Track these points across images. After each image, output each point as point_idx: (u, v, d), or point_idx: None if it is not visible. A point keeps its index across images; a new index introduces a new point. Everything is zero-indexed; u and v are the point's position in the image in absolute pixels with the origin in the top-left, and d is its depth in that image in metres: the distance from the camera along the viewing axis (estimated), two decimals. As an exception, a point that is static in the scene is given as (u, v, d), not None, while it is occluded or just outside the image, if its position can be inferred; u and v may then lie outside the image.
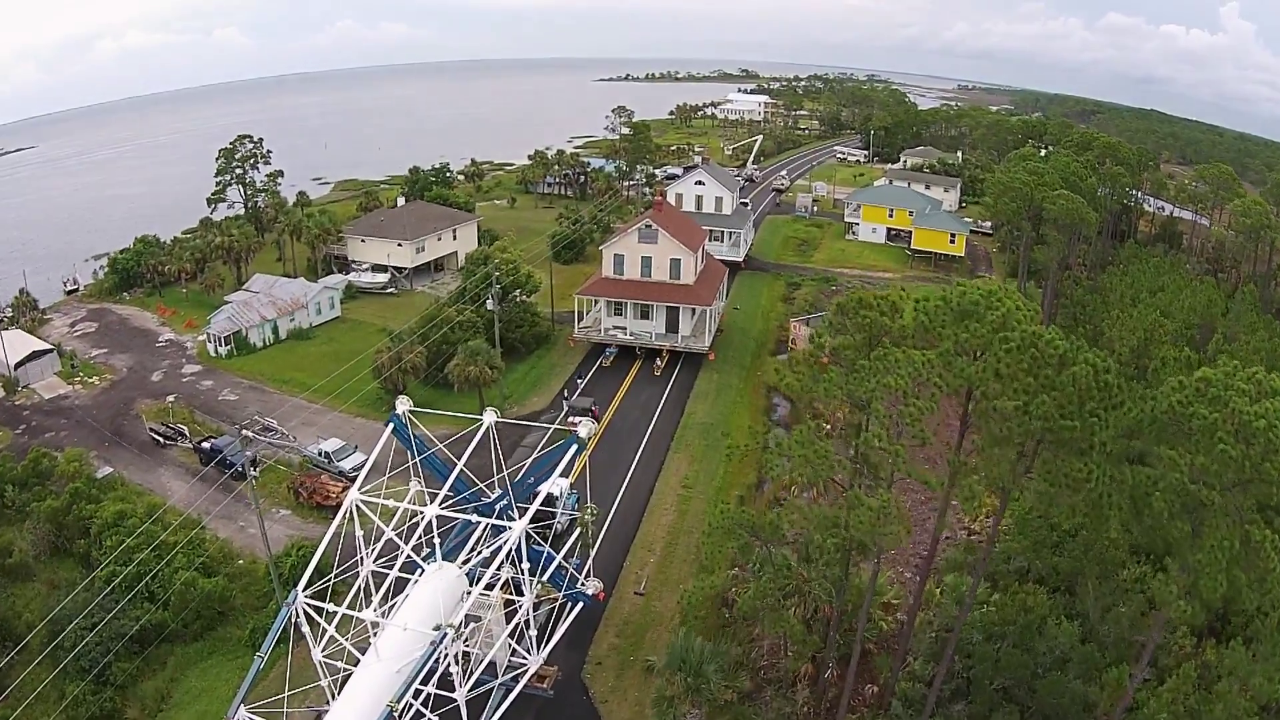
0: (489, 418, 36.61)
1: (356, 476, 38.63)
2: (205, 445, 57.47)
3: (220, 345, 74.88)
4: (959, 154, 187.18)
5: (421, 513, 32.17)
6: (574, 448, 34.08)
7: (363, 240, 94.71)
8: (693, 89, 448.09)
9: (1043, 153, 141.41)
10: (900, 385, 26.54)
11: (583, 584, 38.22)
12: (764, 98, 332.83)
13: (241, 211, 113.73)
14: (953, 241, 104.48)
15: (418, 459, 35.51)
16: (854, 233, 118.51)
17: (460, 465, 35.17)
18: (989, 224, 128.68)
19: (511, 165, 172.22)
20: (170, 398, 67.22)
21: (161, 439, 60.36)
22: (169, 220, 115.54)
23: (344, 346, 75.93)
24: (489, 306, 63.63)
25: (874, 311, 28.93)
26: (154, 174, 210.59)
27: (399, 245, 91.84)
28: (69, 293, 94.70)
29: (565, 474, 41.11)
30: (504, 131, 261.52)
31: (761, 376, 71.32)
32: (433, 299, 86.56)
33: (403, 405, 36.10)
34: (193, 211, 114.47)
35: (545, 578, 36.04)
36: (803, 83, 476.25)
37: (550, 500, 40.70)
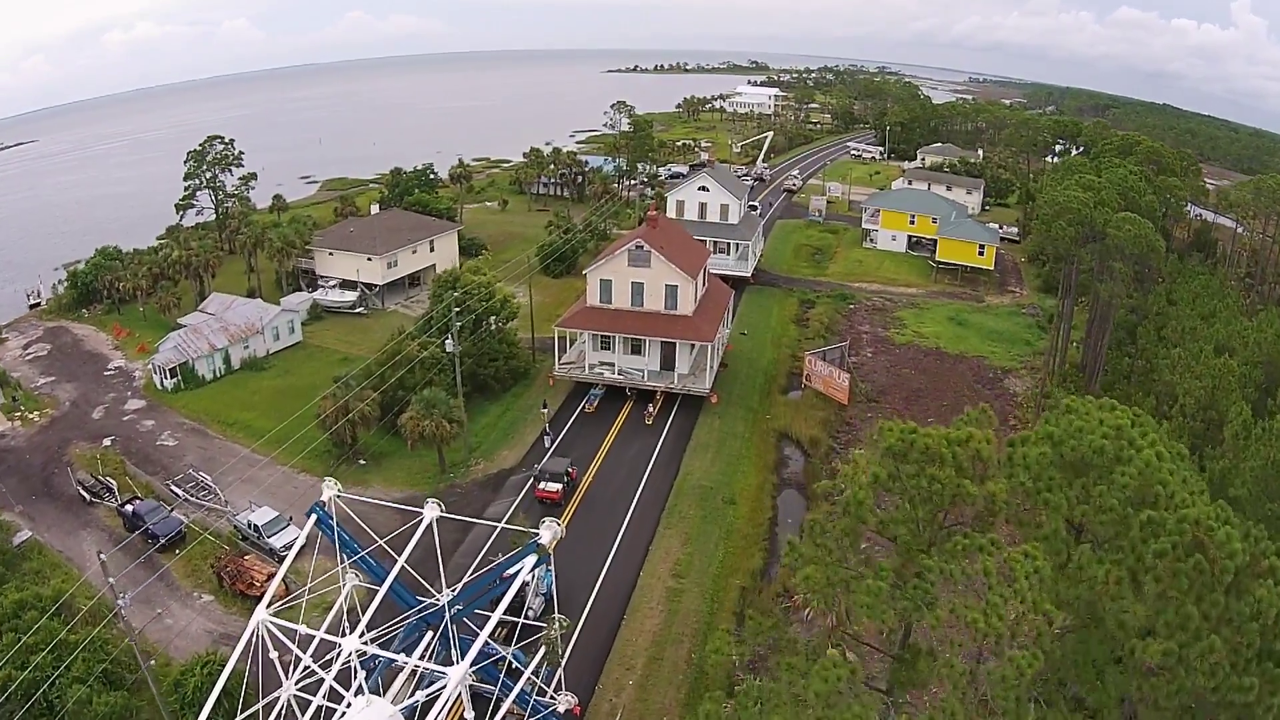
0: (430, 513, 31.82)
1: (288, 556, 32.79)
2: (129, 509, 48.56)
3: (166, 378, 65.37)
4: (979, 152, 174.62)
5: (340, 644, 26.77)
6: (532, 559, 28.88)
7: (330, 253, 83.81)
8: (702, 81, 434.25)
9: (1074, 153, 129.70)
10: (984, 625, 15.41)
11: (552, 697, 32.66)
12: (774, 90, 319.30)
13: (213, 218, 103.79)
14: (981, 253, 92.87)
15: (348, 561, 31.79)
16: (872, 240, 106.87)
17: (401, 561, 30.64)
18: (1015, 230, 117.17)
19: (509, 162, 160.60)
20: (107, 441, 58.32)
21: (88, 495, 51.31)
22: (154, 223, 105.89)
23: (300, 380, 66.44)
24: (448, 348, 52.59)
25: (946, 469, 17.76)
26: (147, 171, 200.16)
27: (369, 260, 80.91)
28: (32, 306, 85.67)
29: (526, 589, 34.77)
30: (506, 125, 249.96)
31: (771, 421, 60.14)
32: (404, 320, 75.95)
33: (329, 490, 31.54)
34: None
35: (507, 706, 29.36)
36: (813, 75, 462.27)
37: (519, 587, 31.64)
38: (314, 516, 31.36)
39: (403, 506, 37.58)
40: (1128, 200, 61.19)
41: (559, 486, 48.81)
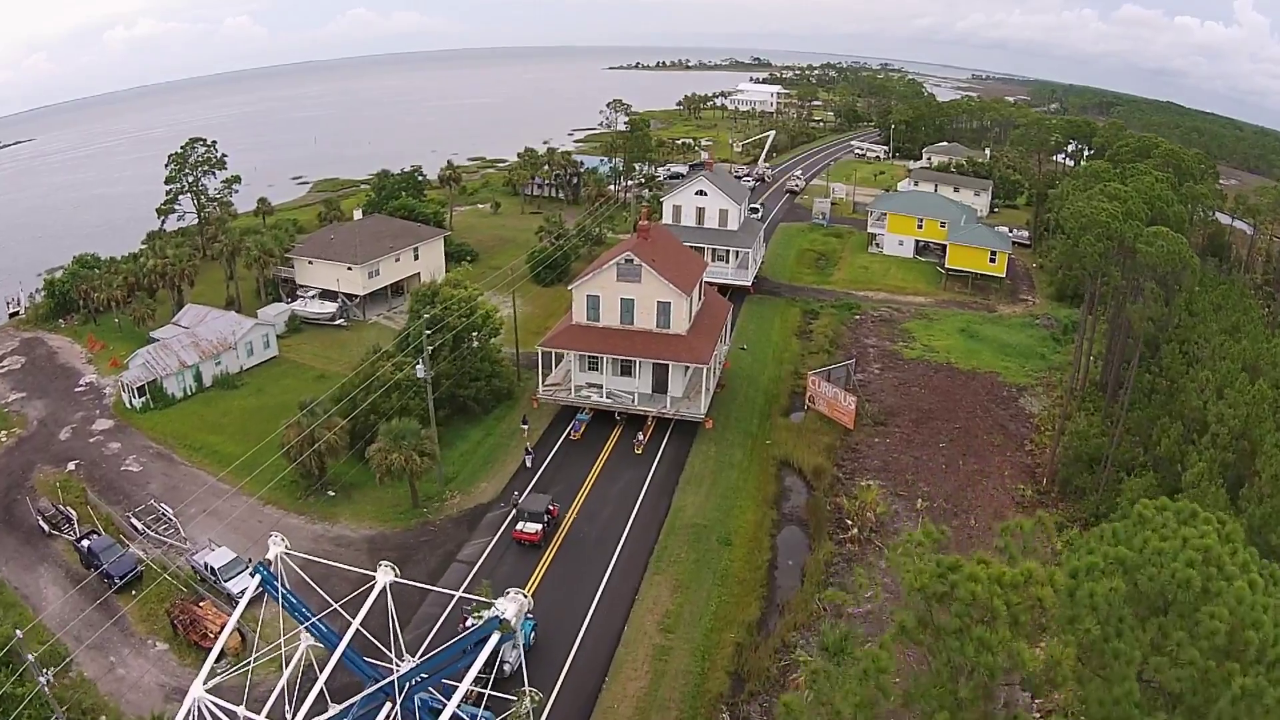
0: (382, 578, 29.38)
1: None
2: (85, 544, 44.73)
3: (134, 397, 61.29)
4: (986, 151, 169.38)
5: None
6: (495, 637, 26.50)
7: (310, 262, 79.13)
8: (704, 78, 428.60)
9: (1085, 155, 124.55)
10: None
11: None
12: (777, 88, 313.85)
13: (195, 223, 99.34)
14: (993, 260, 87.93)
15: (302, 627, 29.40)
16: (878, 245, 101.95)
17: (355, 625, 28.18)
18: (1026, 234, 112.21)
19: (505, 161, 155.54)
20: (71, 465, 54.58)
21: (47, 526, 47.48)
22: (143, 226, 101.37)
23: (272, 399, 62.27)
24: (419, 373, 47.91)
25: (999, 627, 12.88)
26: (143, 171, 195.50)
27: (349, 269, 76.23)
28: (12, 315, 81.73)
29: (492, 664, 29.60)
30: (504, 123, 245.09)
31: (771, 448, 55.37)
32: (385, 334, 71.32)
33: (276, 547, 29.69)
34: (184, 215, 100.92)
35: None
36: (816, 71, 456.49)
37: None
38: (258, 577, 29.10)
39: (354, 569, 33.41)
40: (1155, 210, 56.34)
41: (538, 527, 44.25)
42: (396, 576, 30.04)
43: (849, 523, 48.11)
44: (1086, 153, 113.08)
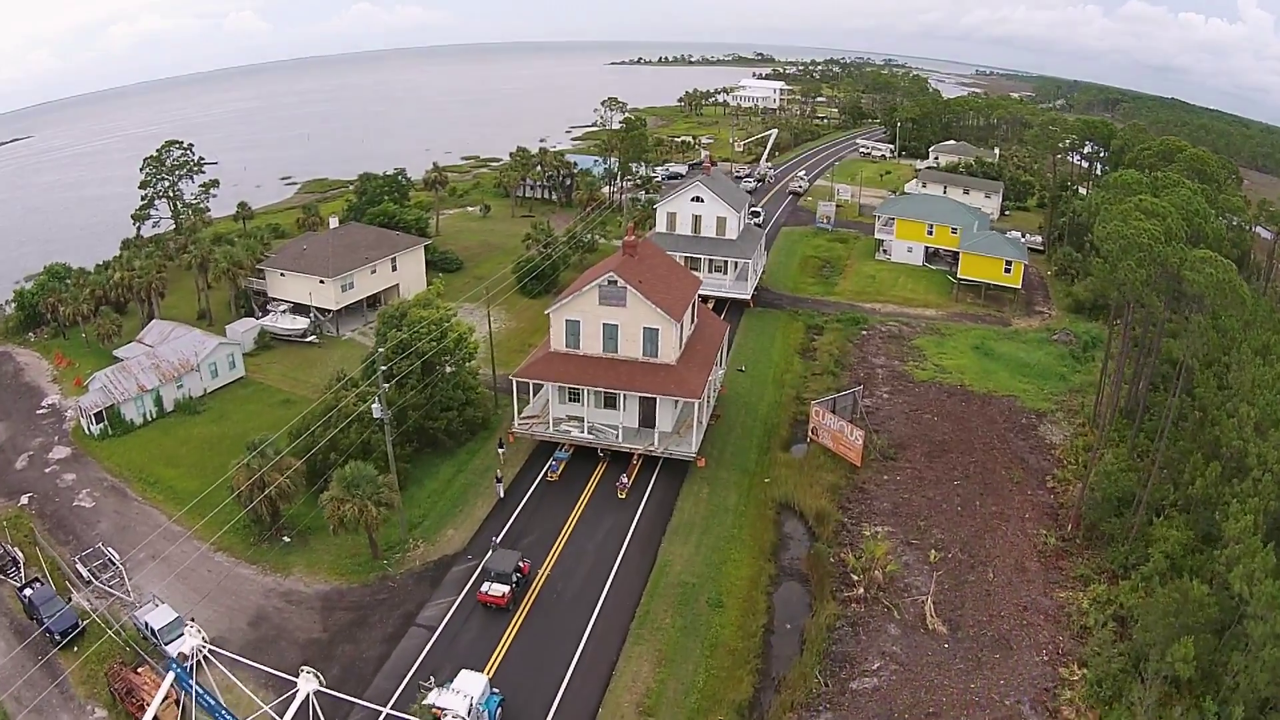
0: (305, 686, 26.68)
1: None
2: (27, 594, 40.58)
3: (93, 423, 56.55)
4: (995, 151, 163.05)
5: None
6: None
7: (281, 274, 73.70)
8: (707, 73, 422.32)
9: (1101, 155, 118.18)
10: None
11: None
12: (780, 84, 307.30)
13: (173, 230, 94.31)
14: (1008, 271, 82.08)
15: None
16: (885, 251, 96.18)
17: None
18: (1039, 239, 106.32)
19: (500, 160, 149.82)
20: (25, 499, 50.21)
21: None
22: (128, 232, 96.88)
23: (234, 426, 57.41)
24: (375, 413, 42.42)
25: None
26: (134, 171, 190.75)
27: (321, 283, 70.80)
28: None
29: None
30: (502, 119, 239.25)
31: (770, 488, 49.82)
32: (358, 351, 66.00)
33: (192, 639, 27.49)
34: (159, 220, 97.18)
35: None
36: (820, 67, 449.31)
37: None
38: (172, 674, 27.08)
39: (274, 672, 28.15)
40: (1193, 227, 50.55)
41: (506, 589, 38.91)
42: (320, 686, 25.13)
43: (855, 577, 42.68)
44: (1102, 153, 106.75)
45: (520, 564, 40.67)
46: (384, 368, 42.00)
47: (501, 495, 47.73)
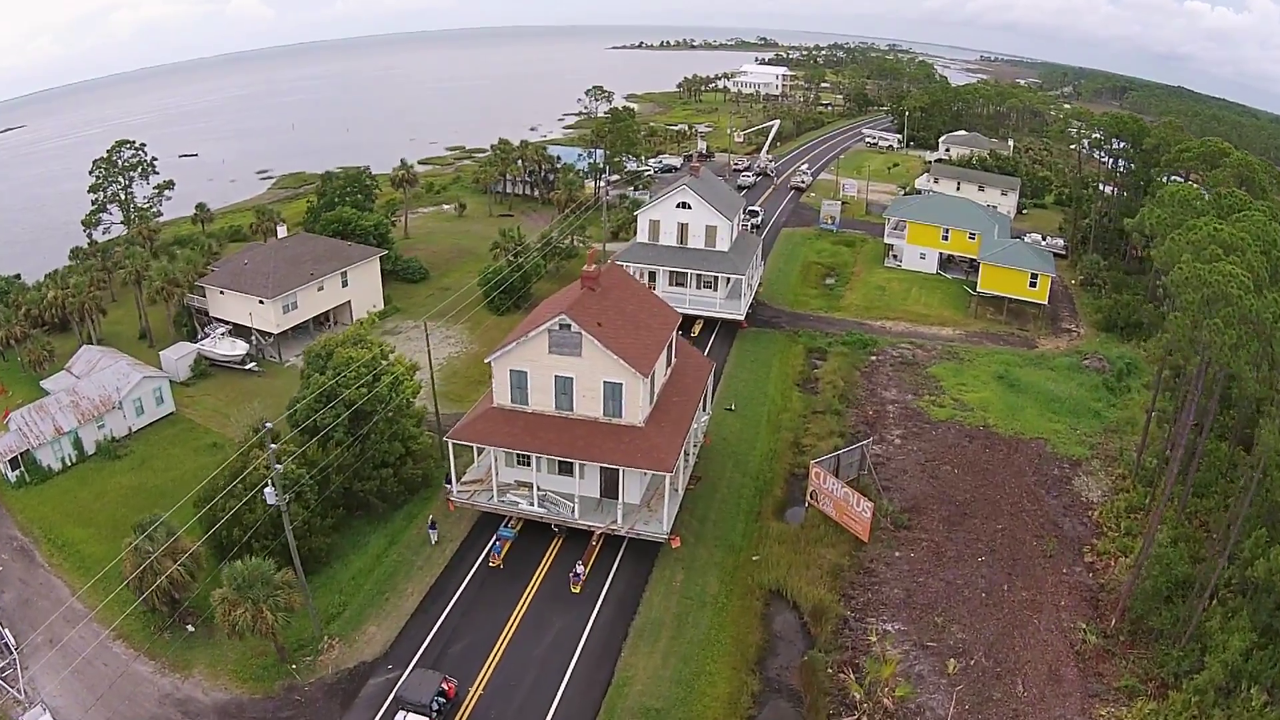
0: None
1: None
2: None
3: (9, 469, 48.77)
4: (1010, 143, 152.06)
5: None
6: None
7: (221, 292, 64.36)
8: (709, 58, 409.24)
9: (1128, 152, 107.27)
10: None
11: None
12: (782, 69, 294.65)
13: (125, 234, 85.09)
14: (1034, 285, 72.13)
15: None
16: (895, 257, 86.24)
17: None
18: (1061, 242, 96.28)
19: (485, 152, 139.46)
20: None
21: None
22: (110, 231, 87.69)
23: (155, 476, 49.32)
24: (269, 499, 33.25)
25: None
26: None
27: (260, 303, 61.46)
28: None
29: None
30: (494, 106, 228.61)
31: (759, 570, 40.44)
32: (296, 384, 56.72)
33: None
34: (110, 226, 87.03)
35: None
36: (823, 52, 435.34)
37: None
38: None
39: None
40: (1271, 261, 40.78)
41: (423, 723, 29.85)
42: None
43: (856, 696, 33.52)
44: (1132, 151, 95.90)
45: (444, 685, 31.66)
46: (274, 445, 32.57)
47: (434, 543, 39.20)
